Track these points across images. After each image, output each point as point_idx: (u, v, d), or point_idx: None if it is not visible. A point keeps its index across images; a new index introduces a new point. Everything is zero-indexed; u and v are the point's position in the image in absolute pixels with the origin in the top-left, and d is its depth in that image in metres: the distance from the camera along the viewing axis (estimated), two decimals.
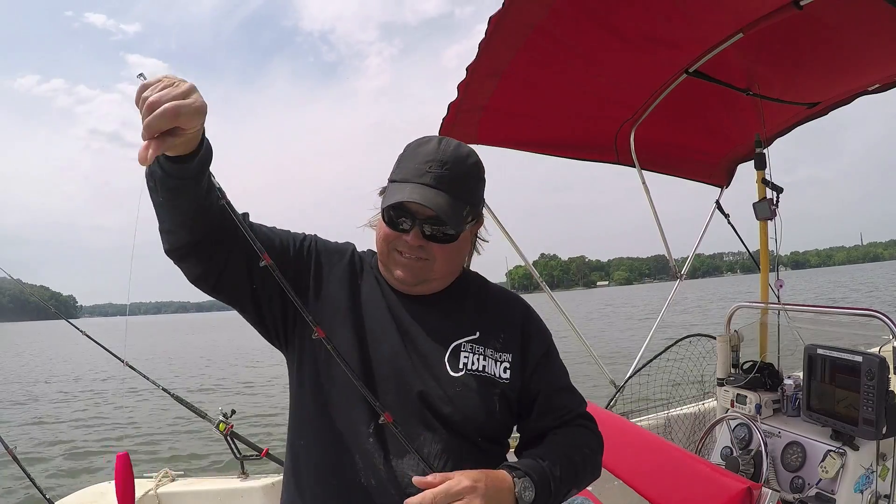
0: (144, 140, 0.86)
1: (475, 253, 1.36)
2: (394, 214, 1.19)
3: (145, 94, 0.86)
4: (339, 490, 1.15)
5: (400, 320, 1.24)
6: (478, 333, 1.26)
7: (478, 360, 1.23)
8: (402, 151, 1.27)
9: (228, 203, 1.07)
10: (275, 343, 1.28)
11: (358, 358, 1.18)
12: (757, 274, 3.34)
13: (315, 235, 1.33)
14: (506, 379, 1.24)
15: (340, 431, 1.16)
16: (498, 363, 1.24)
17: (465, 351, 1.23)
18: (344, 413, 1.17)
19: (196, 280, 1.16)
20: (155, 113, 0.84)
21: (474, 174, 1.25)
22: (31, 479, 2.83)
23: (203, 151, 0.97)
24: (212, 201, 1.06)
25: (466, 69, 2.41)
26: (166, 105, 0.84)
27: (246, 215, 1.16)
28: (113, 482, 2.67)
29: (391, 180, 1.24)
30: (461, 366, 1.21)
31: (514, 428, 1.33)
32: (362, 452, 1.15)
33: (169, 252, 1.11)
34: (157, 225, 1.09)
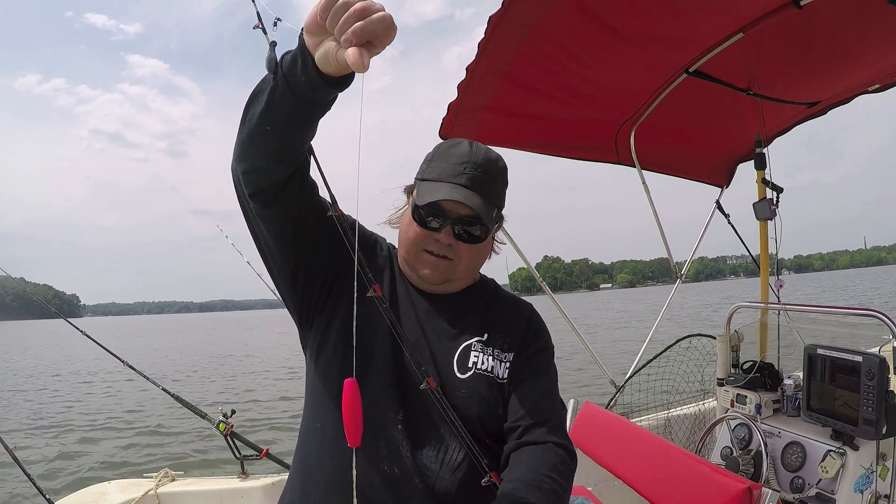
0: (349, 46, 0.77)
1: (492, 253, 1.36)
2: (424, 213, 1.20)
3: None
4: (357, 475, 1.11)
5: (417, 316, 1.26)
6: (486, 335, 1.27)
7: (487, 360, 1.24)
8: (431, 152, 1.28)
9: (312, 152, 1.08)
10: (302, 313, 1.26)
11: (390, 341, 1.19)
12: (758, 278, 3.34)
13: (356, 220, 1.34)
14: (504, 378, 1.25)
15: (367, 415, 1.11)
16: (502, 364, 1.26)
17: (474, 350, 1.24)
18: (373, 396, 1.15)
19: (279, 230, 1.13)
20: (373, 18, 0.76)
21: (503, 178, 1.27)
22: (32, 479, 2.84)
23: (349, 82, 0.91)
24: (307, 145, 1.05)
25: (466, 69, 2.41)
26: (385, 13, 0.77)
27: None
28: (112, 482, 2.68)
29: (422, 179, 1.24)
30: (470, 365, 1.22)
31: None
32: (388, 439, 1.14)
33: (257, 194, 1.06)
34: (245, 166, 1.04)
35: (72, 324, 3.26)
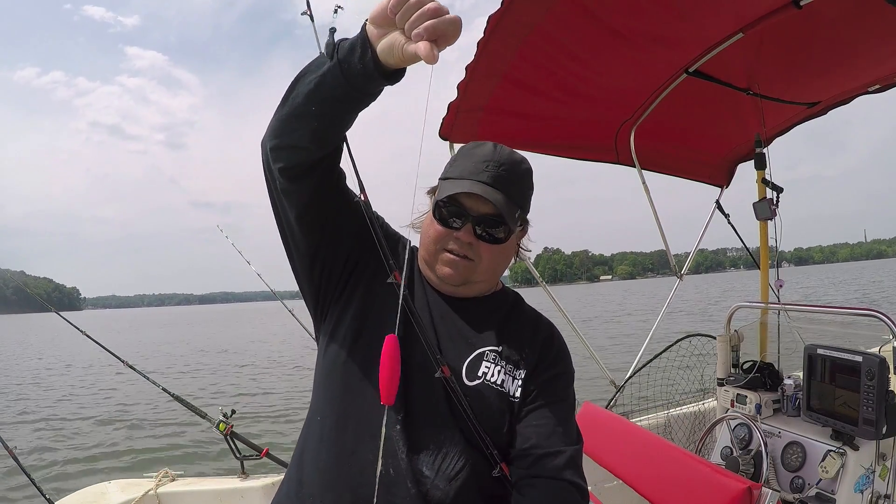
0: (419, 40, 0.83)
1: (516, 258, 1.34)
2: (446, 212, 1.19)
3: None
4: (350, 473, 1.12)
5: (432, 317, 1.24)
6: (501, 347, 1.24)
7: (498, 372, 1.21)
8: (455, 153, 1.28)
9: (346, 140, 1.12)
10: (318, 301, 1.27)
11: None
12: (759, 270, 3.33)
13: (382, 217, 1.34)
14: (517, 397, 1.21)
15: (367, 412, 1.12)
16: (514, 380, 1.22)
17: (486, 360, 1.21)
18: (376, 391, 1.10)
19: (302, 208, 1.15)
20: (445, 18, 0.83)
21: (527, 180, 1.25)
22: (31, 479, 2.84)
23: (400, 77, 0.96)
24: (345, 132, 1.10)
25: (466, 69, 2.40)
26: (456, 16, 0.84)
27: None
28: (112, 482, 2.69)
29: (445, 178, 1.23)
30: (479, 374, 1.20)
31: None
32: (386, 438, 1.09)
33: (286, 169, 1.09)
34: (279, 142, 1.07)
35: (71, 322, 3.25)
